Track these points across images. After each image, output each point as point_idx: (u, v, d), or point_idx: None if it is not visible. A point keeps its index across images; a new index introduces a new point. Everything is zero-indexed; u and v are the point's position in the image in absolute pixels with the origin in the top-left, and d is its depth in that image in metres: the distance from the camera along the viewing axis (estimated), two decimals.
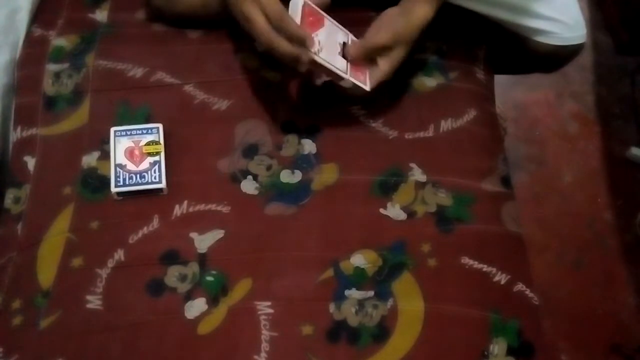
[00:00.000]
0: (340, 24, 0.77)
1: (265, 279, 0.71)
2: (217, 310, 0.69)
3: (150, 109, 0.82)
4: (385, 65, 0.76)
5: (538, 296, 0.74)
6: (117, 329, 0.68)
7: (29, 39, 0.90)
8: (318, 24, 0.71)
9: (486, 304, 0.71)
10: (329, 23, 0.73)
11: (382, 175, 0.79)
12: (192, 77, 0.85)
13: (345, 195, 0.77)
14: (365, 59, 0.76)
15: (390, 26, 0.75)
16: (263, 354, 0.67)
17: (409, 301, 0.70)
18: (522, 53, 0.93)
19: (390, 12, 0.77)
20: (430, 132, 0.83)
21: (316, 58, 0.69)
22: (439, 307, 0.70)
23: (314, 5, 0.72)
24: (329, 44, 0.71)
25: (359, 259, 0.73)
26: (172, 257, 0.72)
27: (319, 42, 0.69)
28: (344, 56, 0.74)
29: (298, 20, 0.68)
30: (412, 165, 0.80)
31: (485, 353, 0.68)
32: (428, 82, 0.87)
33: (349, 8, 0.90)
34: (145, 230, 0.74)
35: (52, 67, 0.85)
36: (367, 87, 0.76)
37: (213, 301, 0.70)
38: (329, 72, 0.72)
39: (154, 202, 0.76)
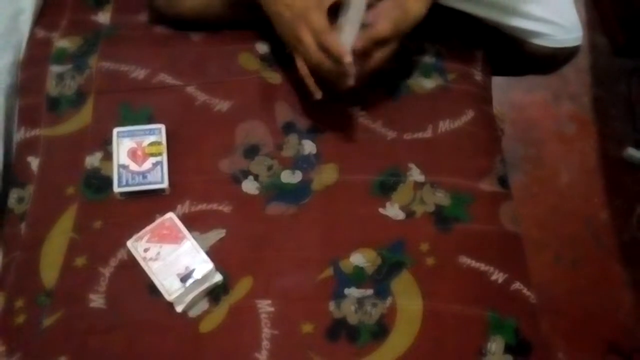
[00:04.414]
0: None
1: (266, 277, 0.72)
2: (218, 309, 0.70)
3: (152, 110, 0.83)
4: (379, 55, 0.75)
5: (535, 295, 0.74)
6: (119, 328, 0.69)
7: (32, 40, 0.90)
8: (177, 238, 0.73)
9: (484, 302, 0.72)
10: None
11: (381, 175, 0.80)
12: (194, 79, 0.85)
13: (345, 195, 0.78)
14: (368, 49, 0.75)
15: (389, 17, 0.74)
16: (264, 352, 0.68)
17: (408, 299, 0.71)
18: (519, 55, 0.94)
19: (386, 4, 0.76)
20: (428, 133, 0.83)
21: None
22: (438, 306, 0.71)
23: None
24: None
25: (359, 258, 0.74)
26: None
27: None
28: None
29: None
30: (411, 165, 0.80)
31: (483, 351, 0.69)
32: (426, 83, 0.87)
33: None
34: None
35: (55, 69, 0.86)
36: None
37: (214, 300, 0.71)
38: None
39: (156, 202, 0.77)
